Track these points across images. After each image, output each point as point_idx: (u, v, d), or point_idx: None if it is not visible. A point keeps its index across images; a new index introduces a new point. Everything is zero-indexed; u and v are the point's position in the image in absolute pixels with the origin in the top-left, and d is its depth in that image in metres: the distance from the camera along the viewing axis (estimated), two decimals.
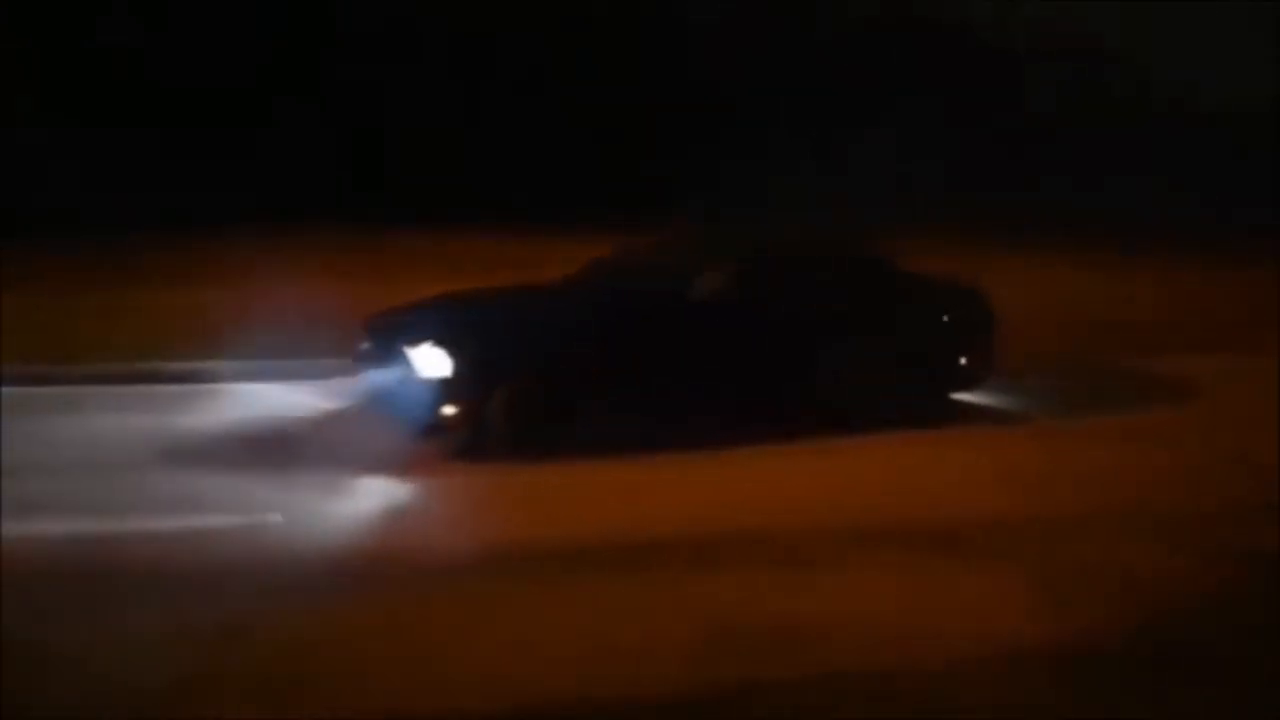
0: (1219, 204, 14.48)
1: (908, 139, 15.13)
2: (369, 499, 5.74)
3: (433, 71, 15.34)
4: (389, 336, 6.59)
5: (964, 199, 14.06)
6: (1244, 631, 4.13)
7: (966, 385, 7.72)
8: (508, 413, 6.37)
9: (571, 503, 5.54)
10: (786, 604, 4.29)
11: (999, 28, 16.99)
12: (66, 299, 9.15)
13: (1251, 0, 16.40)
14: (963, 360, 7.54)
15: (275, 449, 6.28)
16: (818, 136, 15.31)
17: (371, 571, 4.64)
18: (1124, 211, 13.93)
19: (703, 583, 4.48)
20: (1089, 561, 4.73)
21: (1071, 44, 16.92)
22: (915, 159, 15.07)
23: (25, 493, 5.20)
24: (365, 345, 6.76)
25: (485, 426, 6.35)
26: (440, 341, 6.31)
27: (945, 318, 7.61)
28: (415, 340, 6.36)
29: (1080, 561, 4.73)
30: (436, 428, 6.33)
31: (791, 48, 16.68)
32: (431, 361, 6.29)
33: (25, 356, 7.51)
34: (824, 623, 4.13)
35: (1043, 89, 16.64)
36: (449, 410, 6.26)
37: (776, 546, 4.91)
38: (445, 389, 6.25)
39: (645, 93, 15.72)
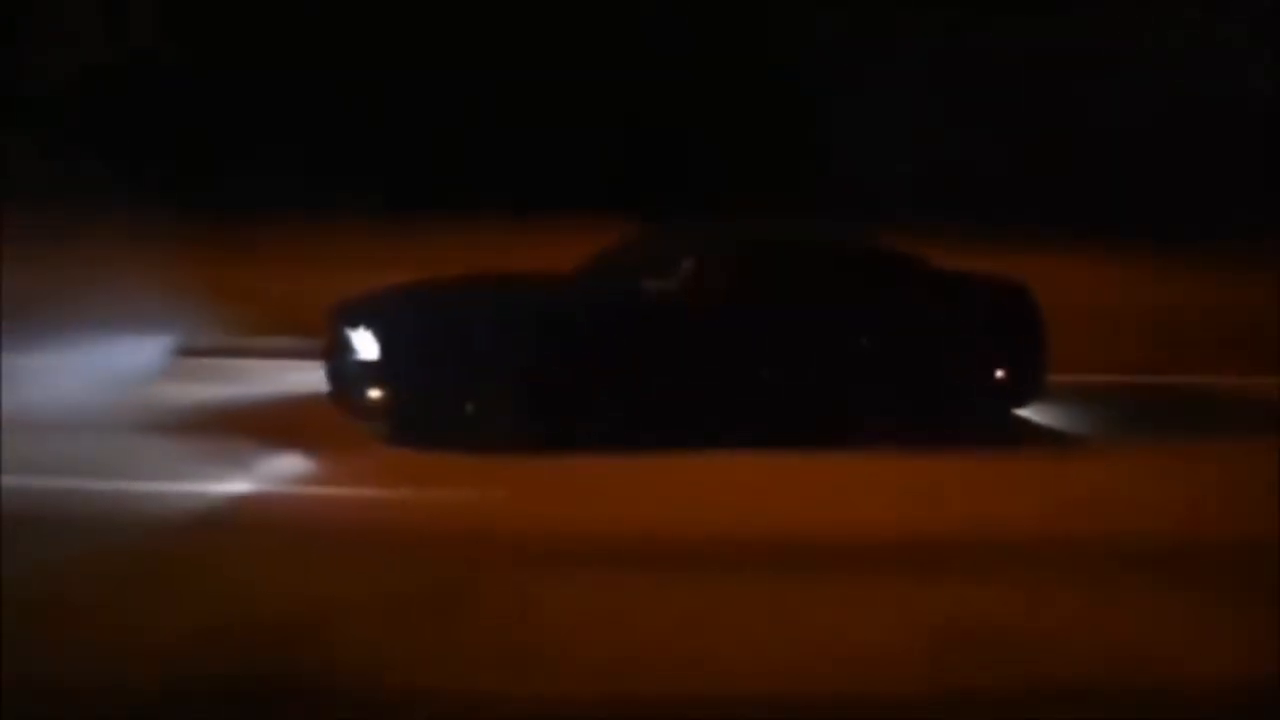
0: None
1: (925, 136, 15.07)
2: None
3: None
4: (344, 321, 6.85)
5: (992, 197, 13.85)
6: None
7: (1006, 401, 7.17)
8: (432, 400, 6.38)
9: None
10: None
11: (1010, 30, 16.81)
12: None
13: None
14: (999, 373, 7.02)
15: (222, 426, 6.84)
16: (830, 131, 15.18)
17: None
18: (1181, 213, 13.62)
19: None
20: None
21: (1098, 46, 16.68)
22: (930, 158, 14.98)
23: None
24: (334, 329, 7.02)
25: (414, 412, 6.48)
26: (371, 326, 6.55)
27: (974, 322, 7.11)
28: (356, 324, 6.65)
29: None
30: (368, 410, 6.56)
31: (800, 40, 16.62)
32: (363, 344, 6.54)
33: None
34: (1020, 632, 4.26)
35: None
36: (375, 393, 6.48)
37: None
38: (372, 372, 6.49)
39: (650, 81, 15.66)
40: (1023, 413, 7.34)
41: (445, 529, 5.38)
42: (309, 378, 7.48)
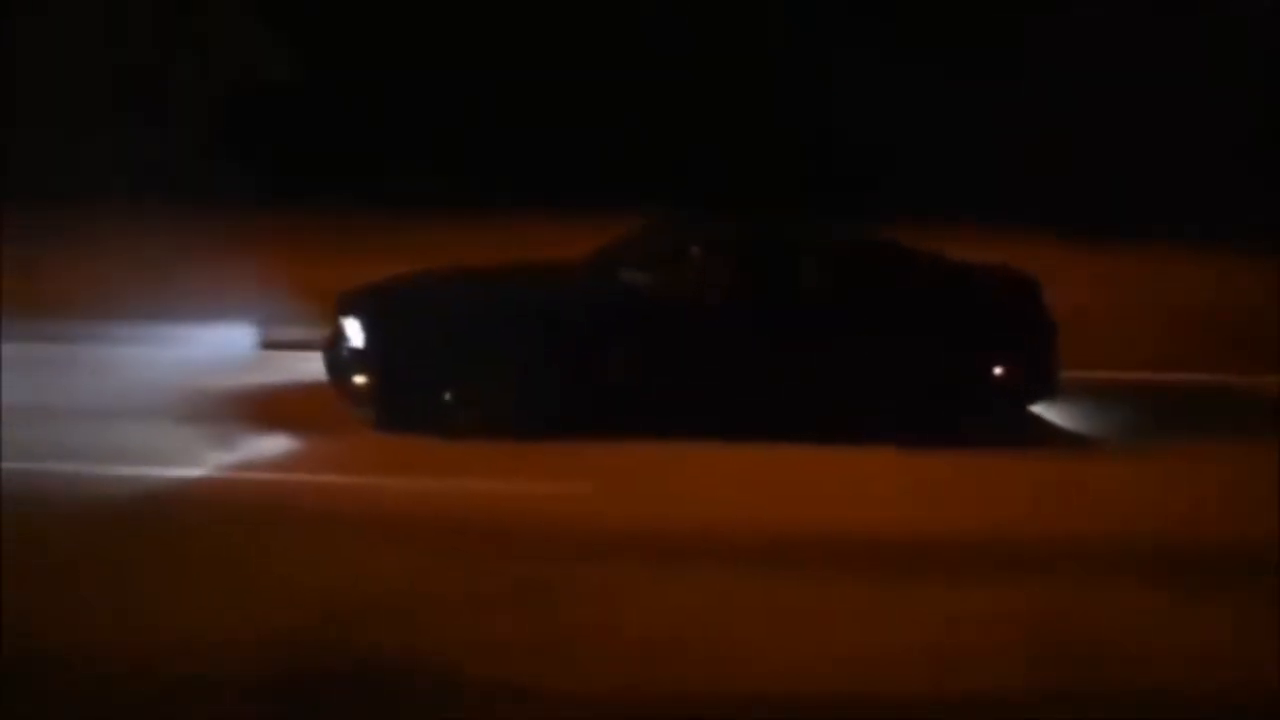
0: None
1: (926, 135, 15.03)
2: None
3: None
4: (340, 311, 7.00)
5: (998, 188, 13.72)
6: None
7: (1014, 398, 7.03)
8: (412, 387, 6.63)
9: None
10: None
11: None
12: None
13: None
14: (1006, 369, 6.84)
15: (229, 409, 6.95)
16: (831, 130, 15.21)
17: None
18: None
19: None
20: None
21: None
22: (931, 156, 14.94)
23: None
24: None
25: (395, 399, 6.64)
26: (358, 315, 6.73)
27: (980, 317, 6.96)
28: (348, 314, 6.82)
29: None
30: (356, 396, 6.71)
31: (800, 39, 16.61)
32: (352, 332, 6.71)
33: None
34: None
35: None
36: (359, 380, 6.64)
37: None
38: (358, 359, 6.66)
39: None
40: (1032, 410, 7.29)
41: (430, 517, 5.39)
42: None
